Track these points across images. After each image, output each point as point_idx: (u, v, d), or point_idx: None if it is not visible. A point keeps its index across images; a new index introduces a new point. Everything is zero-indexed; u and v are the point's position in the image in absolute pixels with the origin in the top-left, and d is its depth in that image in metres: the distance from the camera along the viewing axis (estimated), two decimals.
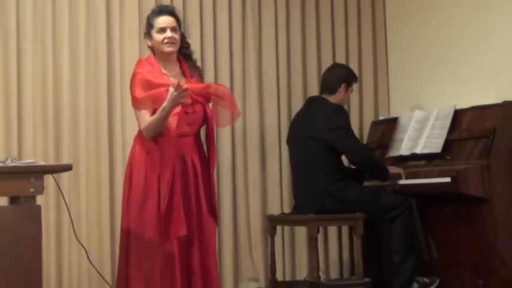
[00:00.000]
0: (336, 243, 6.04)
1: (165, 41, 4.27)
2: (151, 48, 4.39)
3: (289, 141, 5.53)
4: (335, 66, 5.65)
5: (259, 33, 5.98)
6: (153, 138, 4.21)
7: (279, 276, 5.61)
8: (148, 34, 4.37)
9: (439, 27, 5.82)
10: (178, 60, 4.42)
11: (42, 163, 3.58)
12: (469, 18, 5.57)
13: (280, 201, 5.93)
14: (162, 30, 4.29)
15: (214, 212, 4.33)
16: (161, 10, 4.39)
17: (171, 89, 4.06)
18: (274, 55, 6.02)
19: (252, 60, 5.92)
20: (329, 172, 5.19)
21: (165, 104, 4.09)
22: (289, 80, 6.06)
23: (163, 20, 4.30)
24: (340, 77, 5.42)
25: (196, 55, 5.45)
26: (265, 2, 6.00)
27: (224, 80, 5.74)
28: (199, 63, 4.82)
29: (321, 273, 5.51)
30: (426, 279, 5.19)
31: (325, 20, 6.19)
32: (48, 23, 5.32)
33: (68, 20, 5.36)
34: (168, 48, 4.29)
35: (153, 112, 4.20)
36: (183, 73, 4.39)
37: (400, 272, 5.09)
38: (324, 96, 5.43)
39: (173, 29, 4.30)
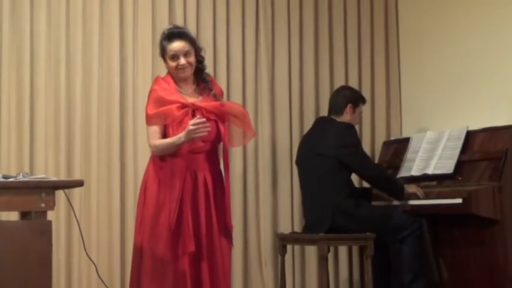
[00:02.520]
0: (346, 263, 6.02)
1: (179, 67, 4.28)
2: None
3: (299, 161, 5.53)
4: (341, 88, 5.66)
5: (272, 54, 5.99)
6: (163, 155, 4.23)
7: None
8: (162, 57, 4.36)
9: (452, 48, 5.82)
10: (195, 77, 4.42)
11: (53, 178, 3.59)
12: (481, 38, 5.57)
13: (291, 220, 5.92)
14: (175, 57, 4.28)
15: (227, 231, 4.31)
16: (172, 34, 4.32)
17: (191, 122, 4.06)
18: (287, 75, 6.02)
19: (265, 80, 5.93)
20: (339, 189, 5.18)
21: (182, 134, 4.10)
22: (302, 99, 6.06)
23: (175, 47, 4.27)
24: (345, 97, 5.44)
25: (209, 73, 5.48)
26: (278, 23, 6.02)
27: (236, 98, 5.76)
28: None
29: None
30: None
31: (338, 39, 6.20)
32: (61, 39, 5.35)
33: (81, 37, 5.39)
34: (182, 74, 4.31)
35: (164, 128, 4.22)
36: (200, 91, 4.40)
37: None
38: (332, 117, 5.45)
39: (186, 54, 4.28)
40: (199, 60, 4.39)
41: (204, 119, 4.08)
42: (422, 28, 6.14)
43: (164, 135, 4.25)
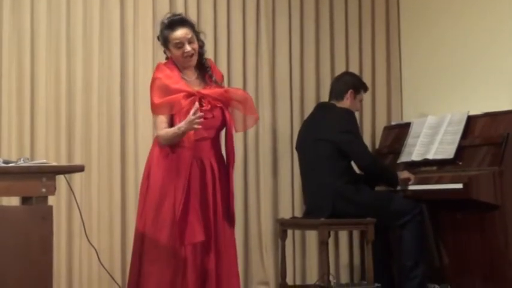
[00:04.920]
0: (347, 248, 6.03)
1: (185, 55, 4.22)
2: (170, 57, 4.33)
3: (299, 146, 5.53)
4: (343, 74, 5.67)
5: (272, 40, 5.98)
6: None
7: (289, 280, 5.61)
8: (165, 47, 4.29)
9: (453, 32, 5.81)
10: (196, 63, 4.36)
11: (54, 163, 3.59)
12: (483, 24, 5.56)
13: (291, 205, 5.92)
14: (179, 44, 4.21)
15: (230, 218, 4.28)
16: (173, 22, 4.23)
17: (192, 112, 4.00)
18: (288, 61, 6.01)
19: (265, 66, 5.92)
20: (339, 174, 5.20)
21: (181, 124, 4.05)
22: (302, 85, 6.06)
23: (179, 35, 4.19)
24: (347, 83, 5.44)
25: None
26: (279, 9, 6.00)
27: (237, 84, 5.75)
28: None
29: (331, 278, 5.50)
30: (437, 287, 5.18)
31: (339, 24, 6.19)
32: (62, 24, 5.34)
33: (82, 22, 5.38)
34: (189, 62, 4.26)
35: (171, 117, 4.19)
36: (203, 77, 4.37)
37: (411, 277, 5.08)
38: (332, 102, 5.44)
39: (190, 41, 4.22)
40: (200, 45, 4.34)
41: (197, 106, 4.02)
42: (423, 13, 6.13)
43: (171, 124, 4.19)
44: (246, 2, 5.90)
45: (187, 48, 4.21)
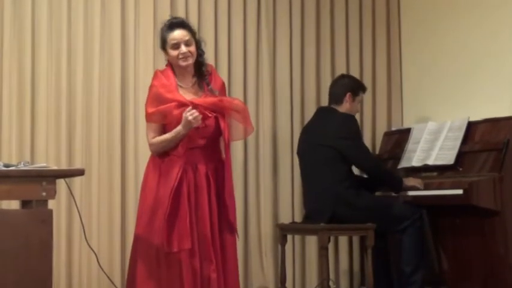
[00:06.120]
0: (347, 253, 6.02)
1: (180, 56, 4.25)
2: (168, 61, 4.37)
3: (300, 152, 5.53)
4: (340, 77, 5.64)
5: (273, 44, 5.98)
6: (163, 153, 4.23)
7: (289, 286, 5.61)
8: (163, 48, 4.34)
9: (454, 38, 5.81)
10: (195, 71, 4.38)
11: (54, 167, 3.59)
12: (483, 30, 5.56)
13: (291, 210, 5.92)
14: (176, 45, 4.25)
15: (230, 226, 4.28)
16: (172, 24, 4.31)
17: (184, 114, 4.08)
18: (288, 65, 6.02)
19: (266, 69, 5.92)
20: (340, 179, 5.19)
21: (179, 127, 4.12)
22: (303, 89, 6.06)
23: (176, 36, 4.25)
24: (345, 86, 5.43)
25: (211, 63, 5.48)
26: (280, 13, 6.01)
27: (238, 88, 5.76)
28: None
29: (331, 283, 5.50)
30: None
31: (340, 29, 6.20)
32: (63, 28, 5.35)
33: (82, 23, 5.39)
34: (183, 63, 4.27)
35: (163, 127, 4.23)
36: (201, 85, 4.38)
37: (411, 282, 5.08)
38: (332, 106, 5.44)
39: (187, 43, 4.25)
40: (200, 54, 4.36)
41: (194, 111, 4.10)
42: (424, 19, 6.13)
43: (163, 132, 4.25)
44: (247, 5, 5.90)
45: (183, 49, 4.24)
